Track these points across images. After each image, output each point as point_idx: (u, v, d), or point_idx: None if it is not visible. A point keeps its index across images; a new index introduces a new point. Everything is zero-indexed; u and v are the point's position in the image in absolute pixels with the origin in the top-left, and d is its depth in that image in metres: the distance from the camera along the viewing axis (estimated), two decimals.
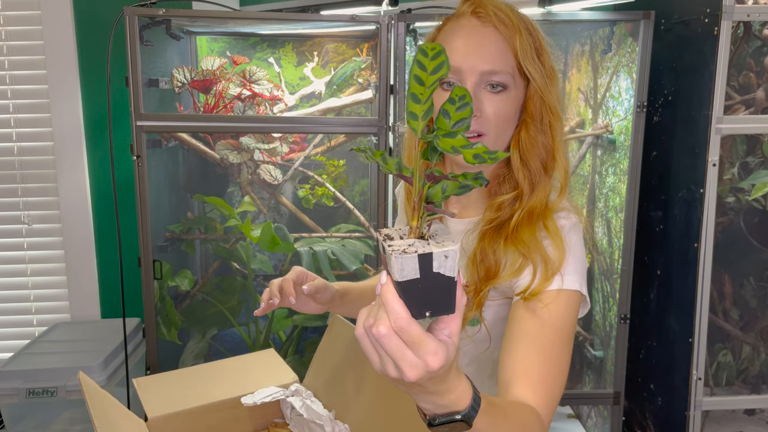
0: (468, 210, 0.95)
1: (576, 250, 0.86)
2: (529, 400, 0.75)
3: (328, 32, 1.95)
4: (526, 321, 0.80)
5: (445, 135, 0.54)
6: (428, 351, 0.52)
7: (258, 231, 1.81)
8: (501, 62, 0.82)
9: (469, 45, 0.83)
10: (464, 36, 0.83)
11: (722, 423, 1.73)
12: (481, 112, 0.83)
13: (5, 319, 2.23)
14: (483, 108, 0.83)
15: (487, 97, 0.83)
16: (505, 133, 0.86)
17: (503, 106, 0.84)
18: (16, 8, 2.06)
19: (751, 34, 1.59)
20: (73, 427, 1.81)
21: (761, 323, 1.72)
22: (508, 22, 0.83)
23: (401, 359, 0.52)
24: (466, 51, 0.83)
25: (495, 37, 0.83)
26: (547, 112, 0.85)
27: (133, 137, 1.59)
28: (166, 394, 1.10)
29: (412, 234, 0.55)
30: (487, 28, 0.83)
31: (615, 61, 1.76)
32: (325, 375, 1.15)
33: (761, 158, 1.64)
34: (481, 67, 0.82)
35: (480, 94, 0.83)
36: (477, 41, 0.83)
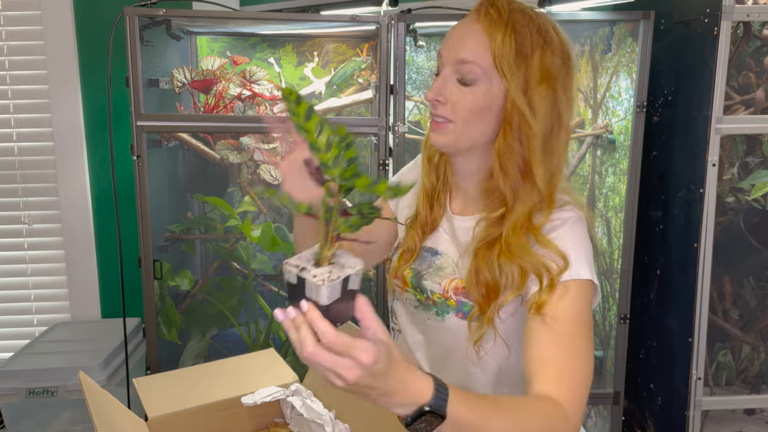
0: (469, 207, 0.96)
1: (583, 240, 0.87)
2: (552, 394, 0.75)
3: (328, 32, 1.95)
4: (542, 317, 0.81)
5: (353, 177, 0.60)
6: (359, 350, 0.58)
7: (258, 231, 1.81)
8: (475, 55, 0.83)
9: (453, 35, 0.86)
10: (455, 28, 0.87)
11: (722, 423, 1.73)
12: (446, 99, 0.85)
13: (5, 319, 2.23)
14: (448, 96, 0.85)
15: (455, 88, 0.85)
16: (473, 126, 0.86)
17: (469, 99, 0.84)
18: (16, 8, 2.06)
19: (751, 34, 1.59)
20: (73, 426, 1.81)
21: (761, 323, 1.72)
22: (496, 19, 0.82)
23: (337, 366, 0.58)
24: (449, 41, 0.86)
25: (477, 31, 0.83)
26: (520, 121, 0.83)
27: (134, 137, 1.60)
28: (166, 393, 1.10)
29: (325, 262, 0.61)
30: (476, 23, 0.84)
31: (615, 61, 1.76)
32: None
33: (761, 158, 1.65)
34: (456, 56, 0.84)
35: (449, 83, 0.85)
36: (460, 32, 0.85)
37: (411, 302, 0.99)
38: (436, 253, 0.96)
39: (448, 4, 1.69)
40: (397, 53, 1.61)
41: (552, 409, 0.74)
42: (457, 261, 0.93)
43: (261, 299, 1.92)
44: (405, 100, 1.64)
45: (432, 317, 0.95)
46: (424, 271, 0.96)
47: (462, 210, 0.97)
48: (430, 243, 0.98)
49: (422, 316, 0.97)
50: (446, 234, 0.97)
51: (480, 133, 0.87)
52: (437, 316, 0.93)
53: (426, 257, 0.97)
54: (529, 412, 0.73)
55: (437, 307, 0.93)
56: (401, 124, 1.64)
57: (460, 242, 0.94)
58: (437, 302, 0.93)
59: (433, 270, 0.95)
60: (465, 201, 0.97)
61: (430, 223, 0.97)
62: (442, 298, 0.92)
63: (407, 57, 1.69)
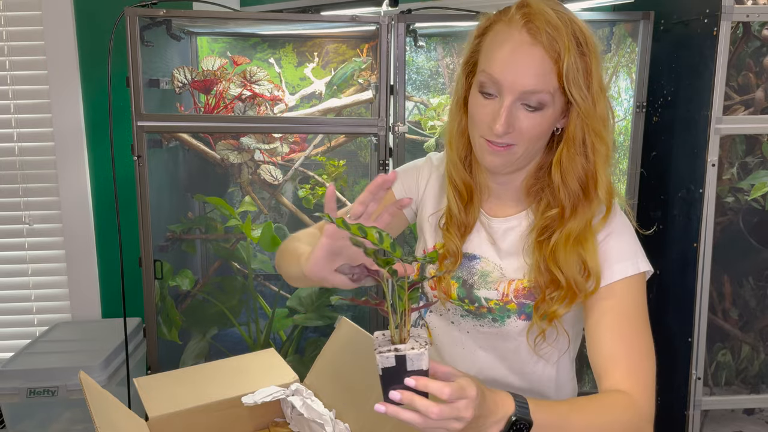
0: (505, 209, 0.96)
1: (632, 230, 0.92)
2: (625, 388, 0.81)
3: (328, 33, 1.95)
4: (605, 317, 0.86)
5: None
6: (462, 409, 0.65)
7: (258, 231, 1.81)
8: (542, 83, 0.80)
9: (513, 61, 0.81)
10: (511, 49, 0.81)
11: (721, 422, 1.74)
12: (514, 128, 0.83)
13: (6, 319, 2.23)
14: (516, 123, 0.83)
15: (522, 114, 0.83)
16: (534, 146, 0.86)
17: (538, 123, 0.83)
18: (16, 8, 2.06)
19: (751, 34, 1.59)
20: (73, 426, 1.81)
21: (760, 323, 1.72)
22: (559, 41, 0.79)
23: (449, 423, 0.66)
24: (509, 66, 0.81)
25: (542, 58, 0.80)
26: (590, 135, 0.84)
27: (134, 137, 1.60)
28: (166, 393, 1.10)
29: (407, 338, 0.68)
30: (536, 47, 0.80)
31: (614, 62, 1.76)
32: (326, 374, 1.15)
33: (760, 158, 1.65)
34: (522, 86, 0.81)
35: (516, 110, 0.82)
36: (523, 59, 0.80)
37: (455, 312, 0.97)
38: (474, 258, 0.95)
39: (448, 4, 1.70)
40: (397, 53, 1.61)
41: (627, 402, 0.80)
42: (500, 264, 0.93)
43: (261, 299, 1.92)
44: (405, 101, 1.65)
45: (487, 324, 0.94)
46: (470, 280, 0.94)
47: (497, 212, 0.96)
48: (466, 248, 0.95)
49: (472, 323, 0.96)
50: (483, 237, 0.95)
51: (537, 151, 0.89)
52: (494, 322, 0.93)
53: (465, 263, 0.95)
54: (605, 407, 0.79)
55: (494, 313, 0.93)
56: (401, 124, 1.64)
57: (500, 244, 0.94)
58: (494, 309, 0.92)
59: (479, 277, 0.94)
60: (500, 203, 0.96)
61: (467, 225, 0.95)
62: (501, 303, 0.92)
63: (407, 57, 1.69)
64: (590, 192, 0.86)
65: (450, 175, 0.95)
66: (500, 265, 0.93)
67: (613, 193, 0.88)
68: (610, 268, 0.87)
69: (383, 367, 0.66)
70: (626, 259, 0.88)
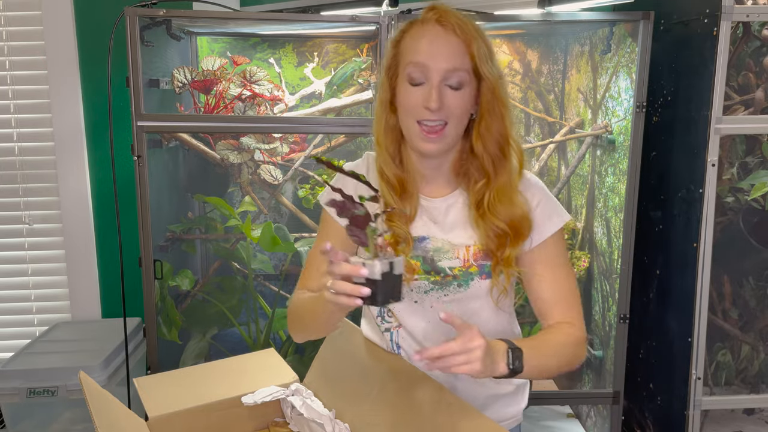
0: (441, 190, 1.07)
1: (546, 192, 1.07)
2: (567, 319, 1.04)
3: (328, 33, 1.95)
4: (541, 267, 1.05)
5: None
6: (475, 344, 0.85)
7: (258, 231, 1.81)
8: (460, 62, 0.96)
9: (434, 47, 0.96)
10: (430, 40, 0.97)
11: (721, 422, 1.74)
12: (444, 104, 0.97)
13: (6, 319, 2.23)
14: (446, 101, 0.97)
15: (449, 93, 0.97)
16: (461, 122, 1.01)
17: (461, 100, 0.98)
18: (16, 9, 2.06)
19: (751, 34, 1.59)
20: (73, 426, 1.81)
21: (760, 323, 1.72)
22: (467, 30, 0.96)
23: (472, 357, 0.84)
24: (431, 52, 0.96)
25: (456, 42, 0.96)
26: (499, 104, 1.00)
27: (134, 137, 1.60)
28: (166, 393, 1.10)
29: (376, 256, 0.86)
30: (449, 34, 0.96)
31: (614, 62, 1.76)
32: (326, 374, 1.15)
33: (760, 158, 1.65)
34: (445, 65, 0.96)
35: (443, 90, 0.97)
36: (441, 44, 0.96)
37: (420, 289, 1.04)
38: (424, 239, 1.04)
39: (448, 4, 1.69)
40: None
41: (571, 328, 1.03)
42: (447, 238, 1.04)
43: (261, 299, 1.92)
44: None
45: (452, 291, 1.04)
46: (428, 256, 1.04)
47: (435, 194, 1.07)
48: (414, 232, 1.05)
49: (436, 296, 1.04)
50: (426, 219, 1.06)
51: (460, 133, 1.02)
52: (459, 287, 1.04)
53: (417, 245, 1.04)
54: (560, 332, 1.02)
55: (459, 279, 1.03)
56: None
57: (442, 221, 1.05)
58: (458, 275, 1.03)
59: (434, 252, 1.04)
60: (436, 186, 1.07)
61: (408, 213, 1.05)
62: (464, 268, 1.03)
63: None
64: (506, 151, 1.02)
65: (381, 172, 1.05)
66: (448, 240, 1.04)
67: (522, 151, 1.04)
68: (542, 226, 1.04)
69: (383, 272, 0.82)
70: (551, 216, 1.05)
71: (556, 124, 2.04)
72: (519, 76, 2.05)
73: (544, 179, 2.08)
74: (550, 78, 2.07)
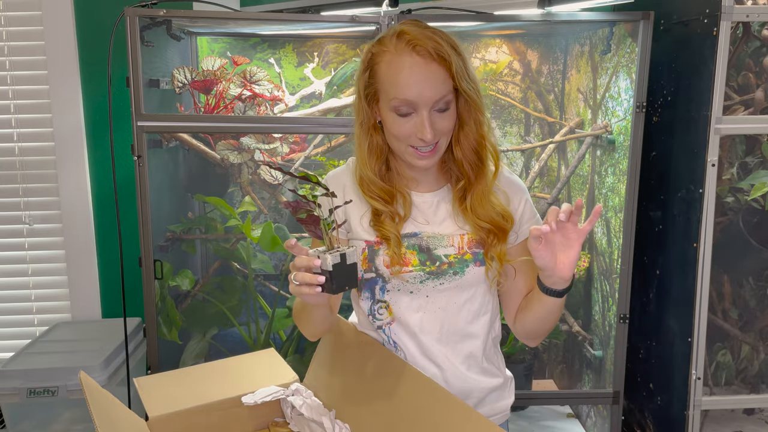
0: (431, 185, 1.11)
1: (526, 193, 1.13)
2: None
3: (328, 33, 1.95)
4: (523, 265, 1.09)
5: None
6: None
7: (258, 231, 1.81)
8: (444, 89, 0.98)
9: (418, 82, 0.97)
10: (411, 74, 0.98)
11: (721, 422, 1.74)
12: (436, 130, 1.00)
13: (6, 319, 2.23)
14: (436, 127, 1.00)
15: (437, 118, 1.00)
16: (449, 137, 1.05)
17: (449, 120, 1.02)
18: (17, 9, 2.06)
19: (750, 34, 1.59)
20: (73, 426, 1.81)
21: (760, 323, 1.72)
22: (443, 52, 0.97)
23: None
24: (417, 88, 0.97)
25: (436, 69, 0.97)
26: (476, 111, 1.03)
27: (134, 137, 1.60)
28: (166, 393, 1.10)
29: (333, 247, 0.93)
30: (429, 63, 0.97)
31: (614, 62, 1.76)
32: (325, 374, 1.15)
33: (760, 158, 1.65)
34: (432, 98, 0.98)
35: (432, 116, 0.99)
36: (425, 77, 0.97)
37: (416, 279, 1.06)
38: (415, 235, 1.07)
39: (448, 4, 1.70)
40: None
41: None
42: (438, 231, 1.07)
43: (261, 299, 1.92)
44: None
45: (448, 279, 1.06)
46: (424, 244, 1.07)
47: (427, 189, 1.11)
48: (406, 230, 1.08)
49: (431, 285, 1.07)
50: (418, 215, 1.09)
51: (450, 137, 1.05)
52: (455, 275, 1.06)
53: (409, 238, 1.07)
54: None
55: (454, 267, 1.06)
56: None
57: (431, 217, 1.09)
58: (454, 263, 1.06)
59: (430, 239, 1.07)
60: (425, 184, 1.11)
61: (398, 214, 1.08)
62: (459, 255, 1.06)
63: None
64: (483, 155, 1.06)
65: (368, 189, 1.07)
66: (438, 232, 1.08)
67: (499, 154, 1.08)
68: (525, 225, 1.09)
69: (334, 263, 0.89)
70: (533, 216, 1.11)
71: (556, 124, 2.04)
72: (519, 76, 2.05)
73: (544, 179, 2.09)
74: (550, 78, 2.07)
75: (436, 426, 0.93)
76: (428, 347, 1.07)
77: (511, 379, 1.17)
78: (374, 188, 1.07)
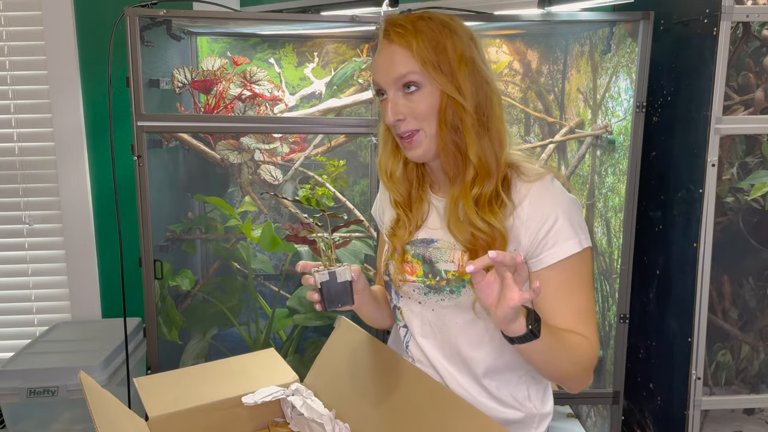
0: (442, 190, 1.05)
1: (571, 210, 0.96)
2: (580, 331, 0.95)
3: (328, 33, 1.95)
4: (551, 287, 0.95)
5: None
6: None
7: (258, 231, 1.81)
8: (403, 66, 0.93)
9: (381, 63, 0.96)
10: (379, 56, 0.98)
11: (721, 422, 1.74)
12: (404, 113, 0.95)
13: (6, 319, 2.23)
14: (403, 109, 0.95)
15: (405, 98, 0.95)
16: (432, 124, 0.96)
17: (417, 102, 0.94)
18: (17, 9, 2.06)
19: (750, 34, 1.59)
20: (73, 426, 1.81)
21: (760, 323, 1.72)
22: (403, 32, 0.94)
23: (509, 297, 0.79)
24: (380, 68, 0.96)
25: (397, 50, 0.94)
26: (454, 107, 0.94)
27: (134, 137, 1.60)
28: (166, 393, 1.10)
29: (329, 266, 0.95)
30: (392, 45, 0.95)
31: (614, 62, 1.76)
32: (326, 374, 1.15)
33: (760, 158, 1.65)
34: (392, 76, 0.94)
35: (398, 98, 0.95)
36: (386, 58, 0.96)
37: (420, 290, 1.04)
38: (432, 241, 1.03)
39: (448, 4, 1.70)
40: None
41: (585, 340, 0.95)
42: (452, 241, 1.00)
43: (261, 299, 1.92)
44: None
45: (446, 297, 1.01)
46: (427, 255, 1.03)
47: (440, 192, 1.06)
48: (421, 236, 1.05)
49: (434, 300, 1.03)
50: (435, 219, 1.05)
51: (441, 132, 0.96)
52: (452, 294, 1.00)
53: (422, 245, 1.04)
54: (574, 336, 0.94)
55: (451, 285, 1.00)
56: None
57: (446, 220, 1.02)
58: (451, 280, 1.00)
59: (434, 251, 1.02)
60: (441, 184, 1.06)
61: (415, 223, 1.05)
62: (457, 273, 0.99)
63: None
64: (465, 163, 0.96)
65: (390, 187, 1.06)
66: (449, 240, 1.01)
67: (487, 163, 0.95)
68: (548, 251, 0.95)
69: (321, 281, 0.91)
70: (562, 241, 0.94)
71: (556, 124, 2.04)
72: (519, 76, 2.05)
73: None
74: (550, 78, 2.07)
75: (438, 426, 0.93)
76: (435, 362, 1.04)
77: (540, 417, 1.05)
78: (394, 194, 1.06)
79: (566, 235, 0.94)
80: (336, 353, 1.17)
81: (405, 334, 1.09)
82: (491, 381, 1.02)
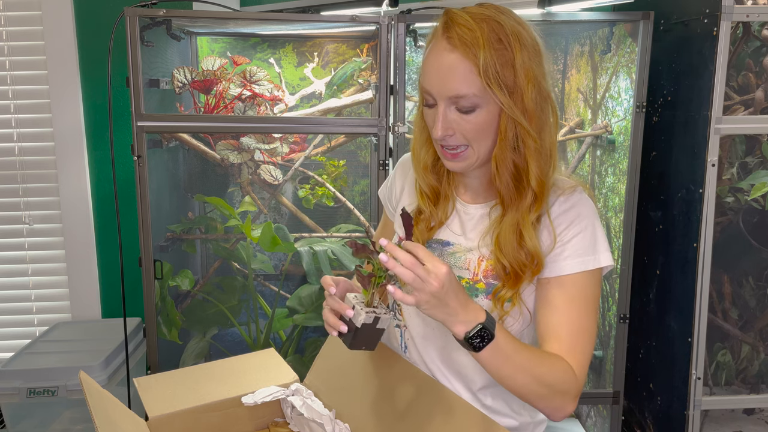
0: (478, 197, 1.01)
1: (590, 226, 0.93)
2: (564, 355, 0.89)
3: (328, 33, 1.95)
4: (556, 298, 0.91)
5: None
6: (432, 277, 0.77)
7: (258, 231, 1.81)
8: (465, 87, 0.85)
9: (436, 71, 0.86)
10: (434, 60, 0.87)
11: (721, 422, 1.74)
12: (454, 130, 0.88)
13: (6, 319, 2.23)
14: (455, 126, 0.88)
15: (458, 117, 0.88)
16: (484, 144, 0.90)
17: (474, 123, 0.88)
18: (17, 9, 2.06)
19: (750, 34, 1.59)
20: (73, 426, 1.81)
21: (760, 323, 1.72)
22: (471, 42, 0.83)
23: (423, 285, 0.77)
24: (434, 77, 0.87)
25: (460, 61, 0.84)
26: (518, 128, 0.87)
27: (134, 137, 1.60)
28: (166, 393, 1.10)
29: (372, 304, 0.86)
30: (453, 52, 0.85)
31: (614, 62, 1.76)
32: (326, 374, 1.15)
33: (760, 158, 1.65)
34: (448, 92, 0.86)
35: (450, 114, 0.88)
36: (443, 67, 0.86)
37: None
38: (447, 244, 1.00)
39: (448, 4, 1.69)
40: (397, 54, 1.61)
41: (565, 366, 0.88)
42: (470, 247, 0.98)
43: (261, 299, 1.92)
44: (405, 101, 1.65)
45: None
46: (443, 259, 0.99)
47: (473, 199, 1.01)
48: (440, 236, 1.02)
49: None
50: (456, 225, 1.01)
51: (492, 146, 0.91)
52: None
53: (437, 248, 1.01)
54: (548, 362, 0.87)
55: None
56: (401, 124, 1.64)
57: (475, 228, 0.99)
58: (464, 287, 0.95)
59: (449, 256, 0.99)
60: (474, 192, 1.01)
61: (438, 219, 1.01)
62: (471, 282, 0.96)
63: (407, 57, 1.69)
64: (523, 185, 0.90)
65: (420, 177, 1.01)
66: (468, 247, 0.98)
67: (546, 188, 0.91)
68: (563, 261, 0.92)
69: (364, 322, 0.83)
70: (580, 255, 0.92)
71: None
72: None
73: None
74: (550, 78, 2.06)
75: (438, 425, 0.93)
76: (431, 364, 1.03)
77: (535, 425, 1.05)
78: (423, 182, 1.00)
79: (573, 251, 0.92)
80: (336, 353, 1.17)
81: (402, 333, 1.08)
82: (485, 390, 1.01)
